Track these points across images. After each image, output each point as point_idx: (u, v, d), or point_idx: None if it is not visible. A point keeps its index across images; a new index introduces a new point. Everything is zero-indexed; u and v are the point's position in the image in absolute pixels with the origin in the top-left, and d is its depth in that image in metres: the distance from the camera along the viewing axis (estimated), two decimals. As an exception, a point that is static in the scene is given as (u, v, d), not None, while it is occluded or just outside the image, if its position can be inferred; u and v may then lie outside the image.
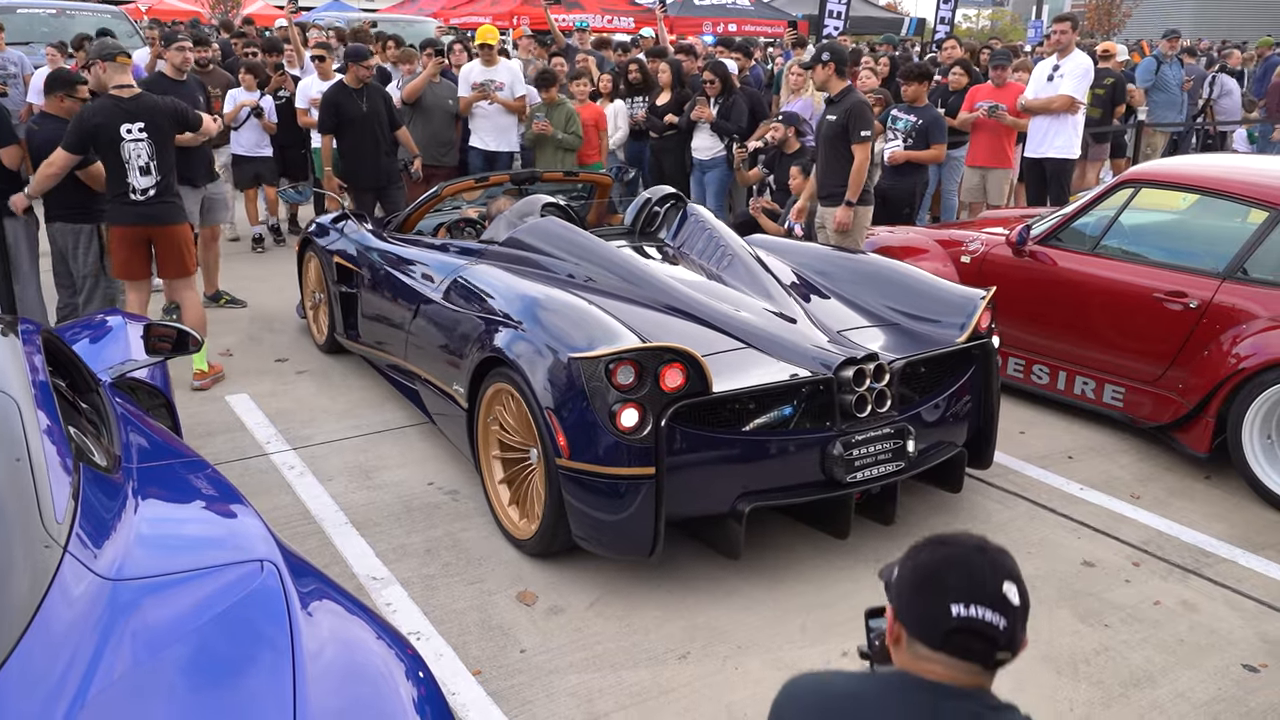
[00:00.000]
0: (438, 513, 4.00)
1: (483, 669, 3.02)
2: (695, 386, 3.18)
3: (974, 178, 7.80)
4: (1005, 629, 1.32)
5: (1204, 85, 10.82)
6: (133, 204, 5.09)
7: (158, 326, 3.39)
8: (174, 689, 1.58)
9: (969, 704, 1.32)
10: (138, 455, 2.47)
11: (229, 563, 1.88)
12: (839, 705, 1.36)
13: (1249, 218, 4.47)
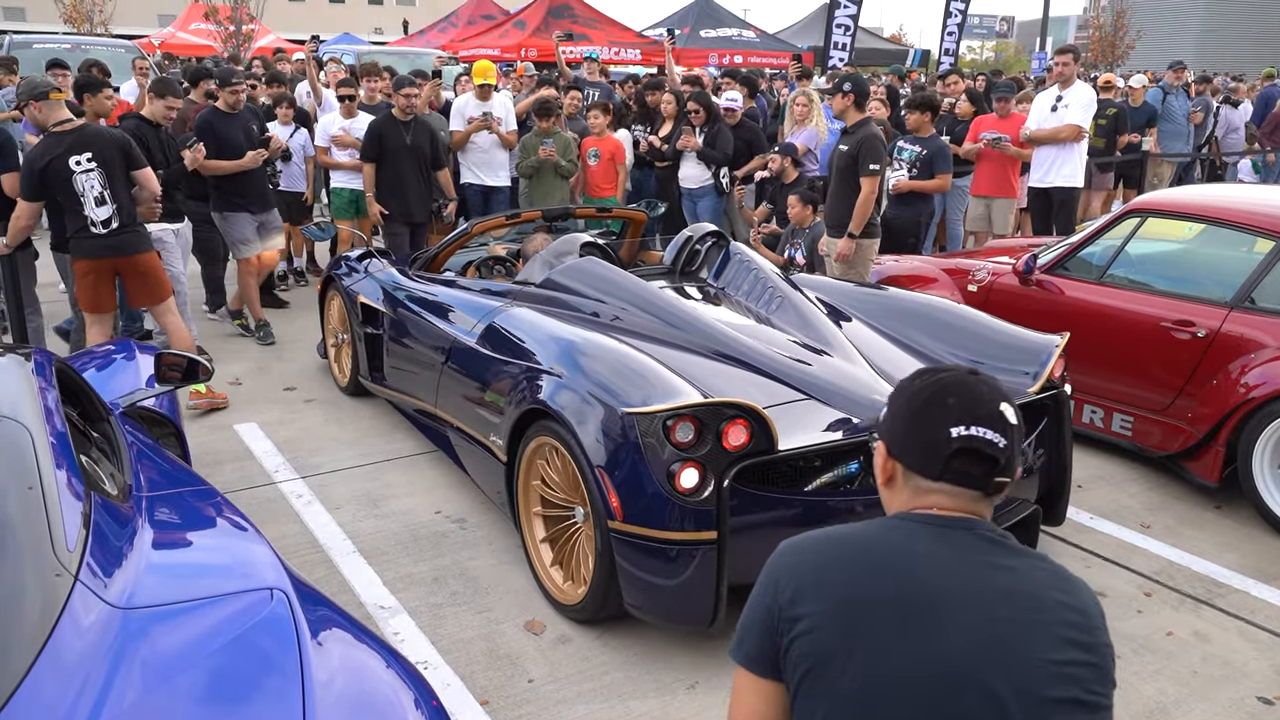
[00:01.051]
0: (445, 541, 4.00)
1: (490, 699, 3.00)
2: (760, 444, 2.95)
3: (979, 207, 7.83)
4: (1005, 448, 1.31)
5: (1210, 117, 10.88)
6: (95, 237, 5.02)
7: (168, 355, 3.41)
8: (185, 717, 1.58)
9: (973, 532, 1.31)
10: (148, 484, 2.48)
11: (239, 590, 1.88)
12: (848, 550, 1.33)
13: (1255, 247, 4.48)
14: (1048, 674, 1.20)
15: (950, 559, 1.28)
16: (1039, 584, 1.27)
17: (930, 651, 1.20)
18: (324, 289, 5.92)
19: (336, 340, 5.82)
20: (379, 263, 5.45)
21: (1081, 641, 1.23)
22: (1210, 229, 4.79)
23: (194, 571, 2.06)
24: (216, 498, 2.51)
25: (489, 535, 4.04)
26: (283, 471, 4.67)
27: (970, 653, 1.20)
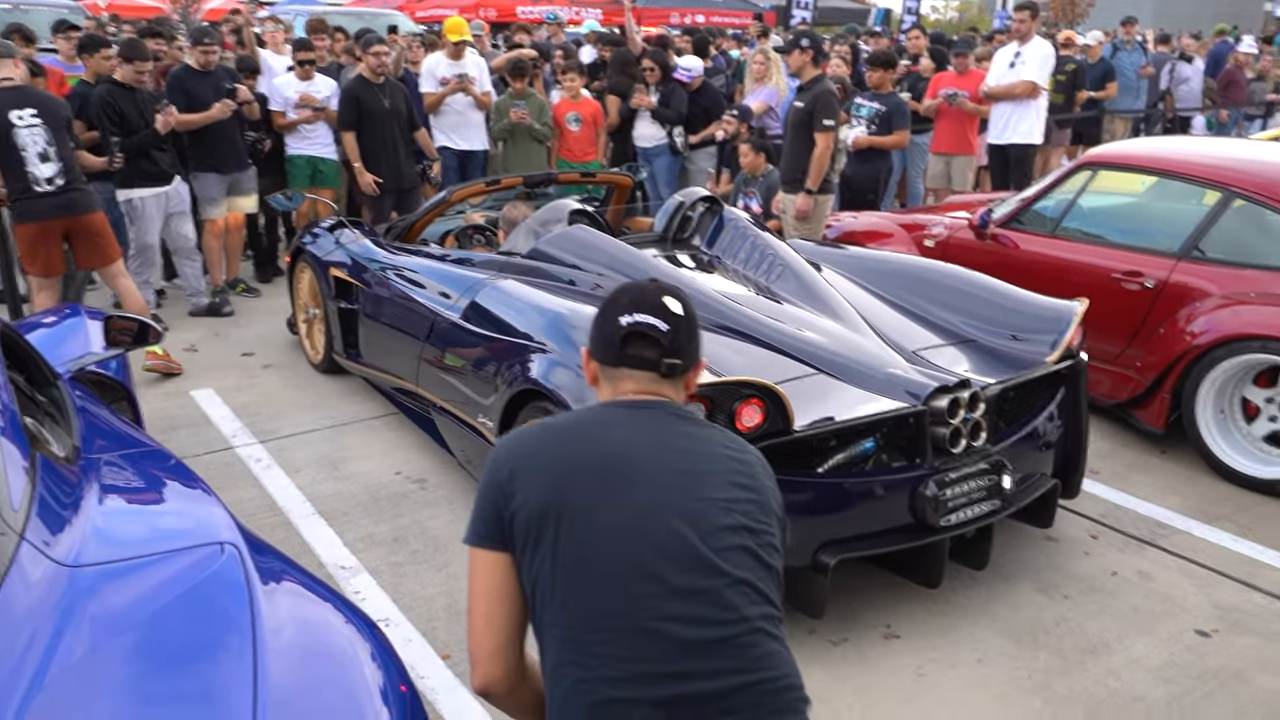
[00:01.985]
0: (405, 501, 4.01)
1: (451, 653, 3.03)
2: (775, 425, 2.78)
3: (938, 164, 7.89)
4: (668, 331, 1.55)
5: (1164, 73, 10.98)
6: (40, 196, 4.88)
7: (118, 319, 3.36)
8: (134, 670, 1.58)
9: (660, 409, 1.56)
10: (97, 446, 2.46)
11: (189, 546, 1.87)
12: (555, 433, 1.56)
13: (1203, 199, 4.56)
14: (719, 508, 1.46)
15: (641, 429, 1.53)
16: (713, 443, 1.55)
17: (625, 503, 1.44)
18: (293, 261, 5.60)
19: (308, 315, 5.53)
20: (351, 233, 5.16)
21: (746, 484, 1.52)
22: (1160, 181, 4.87)
23: (143, 529, 2.05)
24: (168, 459, 2.49)
25: (450, 494, 4.06)
26: (240, 436, 4.64)
27: (656, 499, 1.45)
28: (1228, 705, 2.77)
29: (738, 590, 1.41)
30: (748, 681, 1.37)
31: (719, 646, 1.37)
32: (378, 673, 1.80)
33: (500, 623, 1.49)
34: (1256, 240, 4.28)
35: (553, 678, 1.42)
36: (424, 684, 2.89)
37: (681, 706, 1.34)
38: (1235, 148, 5.12)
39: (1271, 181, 4.27)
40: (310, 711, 1.61)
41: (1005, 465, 3.10)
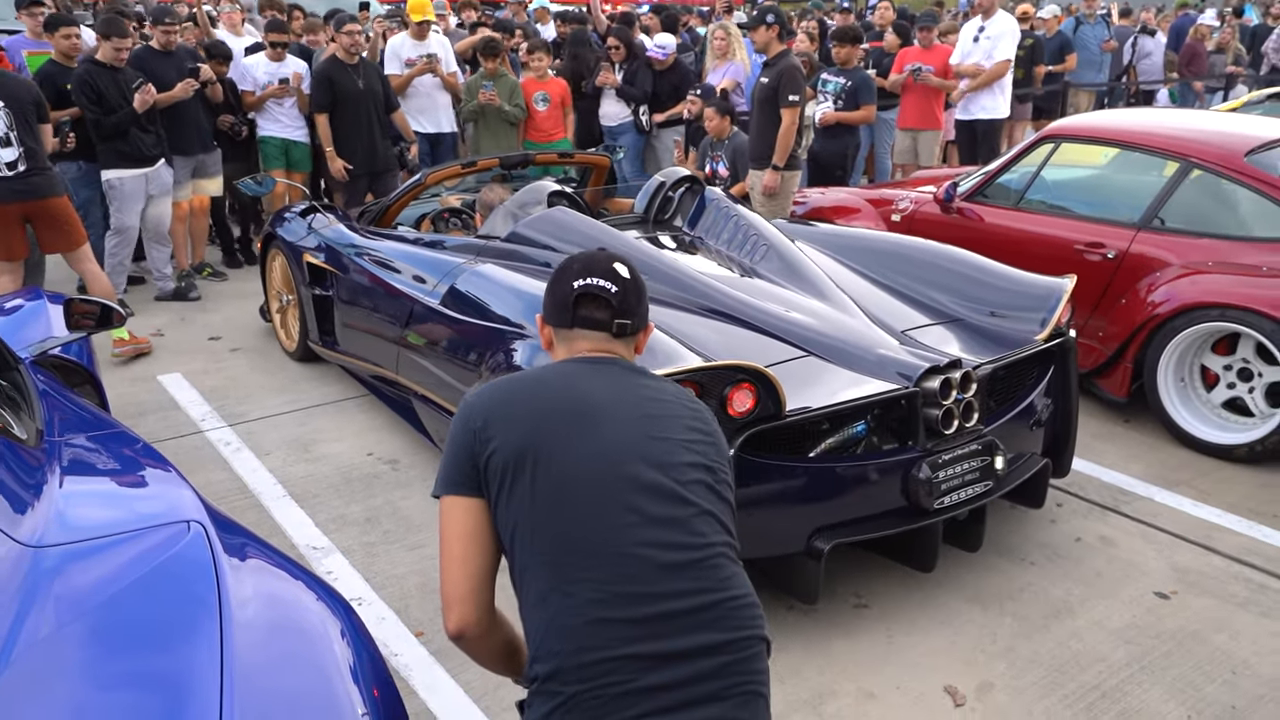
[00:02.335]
0: (378, 482, 4.00)
1: (425, 630, 3.04)
2: (766, 409, 2.72)
3: (905, 140, 7.92)
4: (617, 293, 1.68)
5: (1126, 46, 11.05)
6: (2, 180, 4.86)
7: (79, 302, 3.32)
8: (100, 648, 1.58)
9: (616, 364, 1.68)
10: (61, 429, 2.44)
11: (154, 525, 1.87)
12: (524, 384, 1.65)
13: (1163, 170, 4.61)
14: (682, 447, 1.59)
15: (601, 380, 1.63)
16: (669, 394, 1.68)
17: (596, 443, 1.55)
18: (265, 247, 5.44)
19: (281, 303, 5.38)
20: (324, 218, 5.01)
21: (700, 429, 1.65)
22: (1121, 153, 4.91)
23: (108, 509, 2.04)
24: (133, 441, 2.47)
25: (422, 474, 4.05)
26: (209, 420, 4.61)
27: (624, 439, 1.56)
28: (1185, 664, 2.84)
29: (704, 520, 1.54)
30: (716, 599, 1.49)
31: (690, 569, 1.50)
32: (348, 648, 1.81)
33: (475, 565, 1.56)
34: (1213, 210, 4.34)
35: (537, 608, 1.49)
36: (398, 661, 2.90)
37: (659, 623, 1.45)
38: (1193, 119, 5.18)
39: (1228, 151, 4.33)
40: (279, 688, 1.61)
41: (997, 446, 3.04)
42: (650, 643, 1.44)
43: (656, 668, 1.44)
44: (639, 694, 1.42)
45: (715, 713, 1.45)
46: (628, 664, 1.43)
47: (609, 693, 1.42)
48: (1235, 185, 4.29)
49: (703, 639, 1.47)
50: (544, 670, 1.46)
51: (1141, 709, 2.67)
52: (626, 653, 1.43)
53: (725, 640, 1.48)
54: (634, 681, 1.42)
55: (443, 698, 2.75)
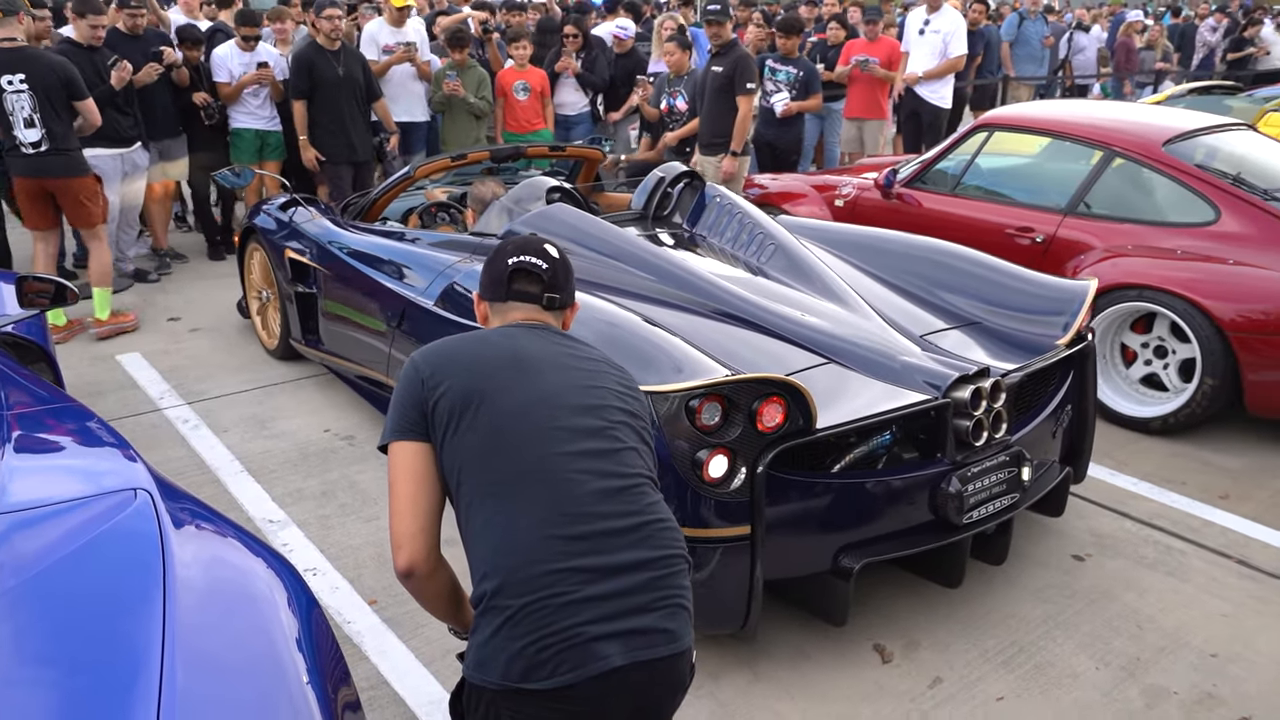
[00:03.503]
0: (334, 457, 3.99)
1: (378, 599, 3.06)
2: (796, 424, 2.47)
3: (851, 129, 7.99)
4: (548, 269, 1.78)
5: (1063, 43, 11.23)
6: (25, 157, 4.98)
7: (32, 281, 3.27)
8: (43, 609, 1.57)
9: (548, 330, 1.77)
10: (11, 403, 2.41)
11: (101, 492, 1.86)
12: (469, 342, 1.72)
13: (1089, 159, 4.72)
14: (612, 394, 1.70)
15: (537, 340, 1.73)
16: (597, 356, 1.77)
17: (537, 387, 1.64)
18: (243, 241, 5.12)
19: (261, 299, 5.08)
20: (307, 211, 4.68)
21: (628, 387, 1.75)
22: (1050, 142, 5.01)
23: (56, 479, 2.02)
24: (84, 415, 2.45)
25: (378, 449, 4.05)
26: (168, 398, 4.56)
27: (560, 385, 1.66)
28: (1096, 620, 2.94)
29: (630, 454, 1.65)
30: (644, 521, 1.60)
31: (620, 494, 1.60)
32: (294, 614, 1.80)
33: (423, 504, 1.62)
34: (1134, 196, 4.46)
35: (483, 533, 1.56)
36: (351, 629, 2.91)
37: (597, 539, 1.54)
38: (1118, 111, 5.29)
39: (1147, 141, 4.44)
40: (223, 653, 1.59)
41: (1025, 457, 2.85)
42: (589, 557, 1.53)
43: (596, 580, 1.52)
44: (580, 604, 1.49)
45: (646, 623, 1.53)
46: (569, 576, 1.51)
47: (553, 603, 1.49)
48: (1154, 173, 4.40)
49: (634, 555, 1.56)
50: (491, 586, 1.52)
51: (1055, 661, 2.77)
52: (568, 566, 1.51)
53: (653, 557, 1.57)
54: (576, 592, 1.50)
55: (394, 662, 2.77)
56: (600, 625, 1.49)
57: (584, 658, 1.47)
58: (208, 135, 6.52)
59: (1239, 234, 4.11)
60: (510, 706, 1.50)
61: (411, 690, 2.66)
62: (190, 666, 1.49)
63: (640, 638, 1.52)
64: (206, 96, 6.33)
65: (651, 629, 1.53)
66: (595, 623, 1.49)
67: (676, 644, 1.55)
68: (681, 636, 1.57)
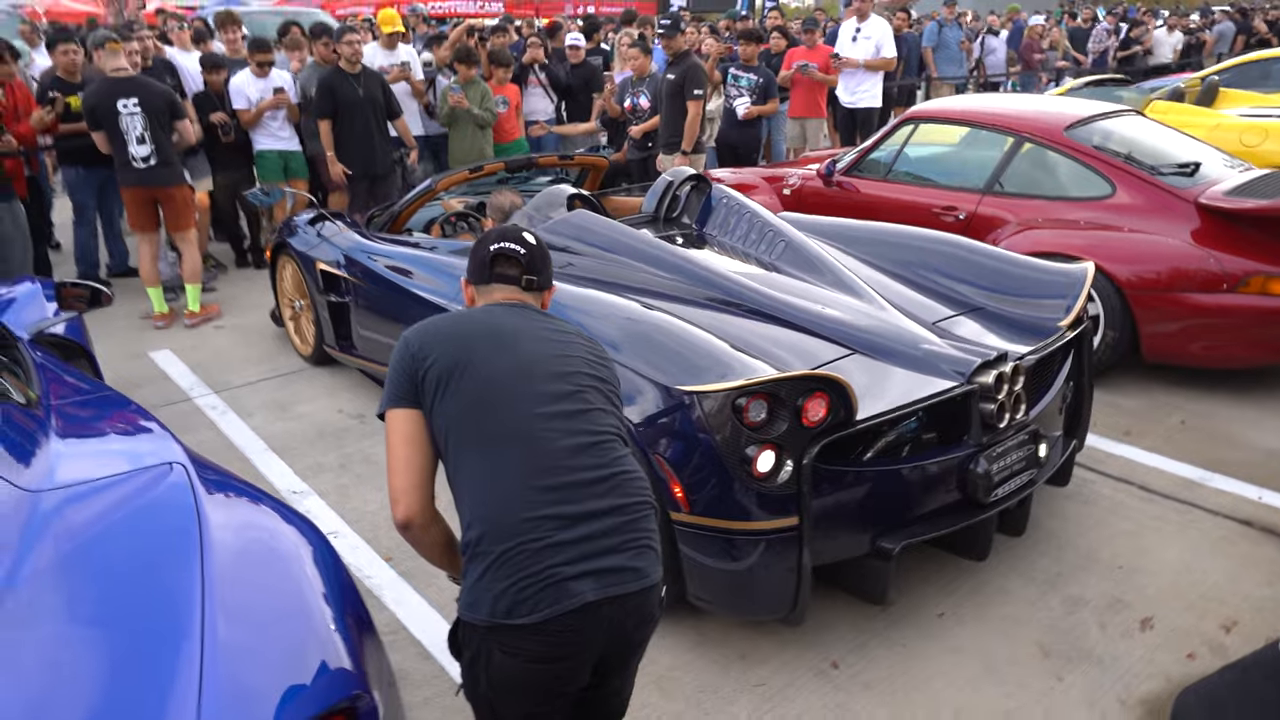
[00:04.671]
0: (348, 434, 3.97)
1: (393, 555, 3.05)
2: (838, 417, 2.32)
3: (795, 127, 7.97)
4: (525, 254, 1.78)
5: (976, 46, 11.27)
6: (136, 170, 5.12)
7: (70, 286, 3.22)
8: (93, 573, 1.56)
9: (526, 309, 1.76)
10: (57, 395, 2.38)
11: (141, 468, 1.85)
12: (453, 317, 1.72)
13: (1002, 144, 4.75)
14: (584, 363, 1.70)
15: (516, 317, 1.72)
16: (573, 330, 1.77)
17: (514, 356, 1.65)
18: (275, 255, 4.88)
19: (294, 309, 4.87)
20: (334, 225, 4.46)
21: (599, 356, 1.75)
22: (969, 131, 5.04)
23: (100, 458, 2.00)
24: (122, 402, 2.42)
25: (387, 425, 4.03)
26: (197, 389, 4.51)
27: (537, 352, 1.66)
28: (1022, 545, 2.99)
29: (599, 414, 1.65)
30: (612, 472, 1.60)
31: (590, 449, 1.60)
32: (319, 569, 1.80)
33: (417, 463, 1.62)
34: (1041, 175, 4.49)
35: (469, 488, 1.57)
36: (370, 582, 2.91)
37: (569, 490, 1.55)
38: (1026, 101, 5.34)
39: (1051, 126, 4.48)
40: (256, 605, 1.58)
41: (1041, 434, 2.73)
42: (563, 506, 1.53)
43: (569, 526, 1.52)
44: (555, 548, 1.50)
45: (617, 562, 1.54)
46: (545, 523, 1.51)
47: (530, 548, 1.50)
48: (1058, 155, 4.44)
49: (604, 503, 1.56)
50: (475, 535, 1.53)
51: (988, 582, 2.82)
52: (543, 514, 1.52)
53: (622, 504, 1.58)
54: (550, 537, 1.51)
55: (410, 609, 2.78)
56: (574, 566, 1.50)
57: (560, 595, 1.48)
58: (228, 155, 6.30)
59: (1132, 205, 4.16)
60: (499, 640, 1.51)
61: (427, 633, 2.67)
62: (229, 617, 1.49)
63: (611, 575, 1.52)
64: (223, 116, 6.14)
65: (622, 568, 1.54)
66: (569, 564, 1.50)
67: (645, 579, 1.56)
68: (650, 573, 1.57)
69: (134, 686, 1.35)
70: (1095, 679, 2.42)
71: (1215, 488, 3.34)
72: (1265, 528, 3.09)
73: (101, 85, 5.04)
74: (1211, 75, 7.63)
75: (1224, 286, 3.83)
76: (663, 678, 2.46)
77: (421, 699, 2.41)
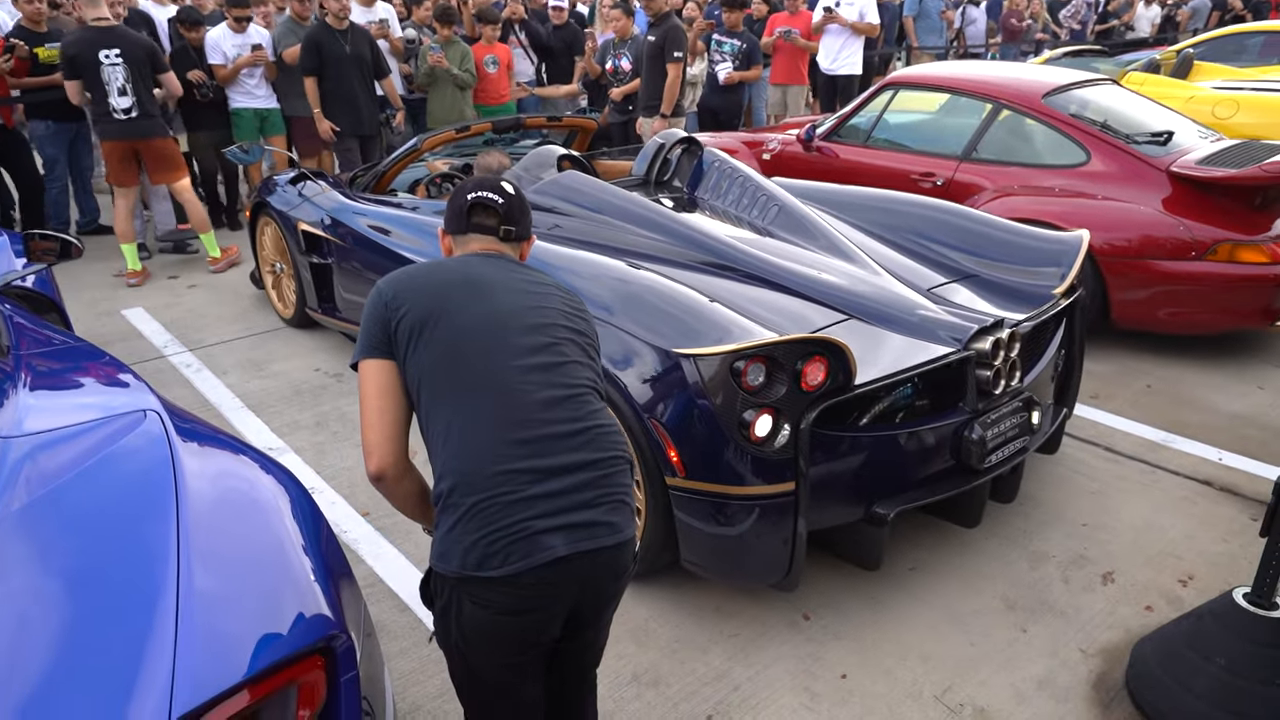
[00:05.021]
0: (324, 393, 3.94)
1: (370, 511, 3.05)
2: (836, 381, 2.26)
3: (776, 94, 7.93)
4: (503, 204, 1.73)
5: (957, 15, 11.21)
6: (117, 122, 5.01)
7: (38, 238, 3.14)
8: (64, 521, 1.54)
9: (503, 258, 1.72)
10: (27, 345, 2.33)
11: (115, 414, 1.82)
12: (427, 267, 1.68)
13: (980, 111, 4.75)
14: (559, 314, 1.65)
15: (493, 267, 1.68)
16: (550, 282, 1.72)
17: (489, 306, 1.60)
18: (254, 215, 4.73)
19: (274, 270, 4.73)
20: (316, 185, 4.32)
21: (576, 307, 1.71)
22: (948, 98, 5.03)
23: (73, 405, 1.97)
24: (94, 353, 2.38)
25: (364, 384, 4.00)
26: (171, 346, 4.45)
27: (510, 304, 1.62)
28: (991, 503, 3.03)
29: (574, 367, 1.61)
30: (587, 426, 1.56)
31: (565, 403, 1.56)
32: (298, 519, 1.78)
33: (391, 415, 1.59)
34: (1018, 143, 4.50)
35: (441, 438, 1.53)
36: (347, 537, 2.90)
37: (543, 443, 1.51)
38: (1004, 69, 5.32)
39: (1028, 94, 4.48)
40: (234, 551, 1.56)
41: (1035, 401, 2.68)
42: (536, 459, 1.50)
43: (542, 480, 1.49)
44: (527, 501, 1.47)
45: (589, 517, 1.50)
46: (517, 476, 1.48)
47: (502, 500, 1.46)
48: (1034, 122, 4.45)
49: (578, 457, 1.52)
50: (447, 486, 1.50)
51: (957, 538, 2.87)
52: (516, 467, 1.48)
53: (596, 459, 1.54)
54: (523, 491, 1.47)
55: (387, 563, 2.78)
56: (546, 520, 1.47)
57: (531, 549, 1.46)
58: (205, 113, 6.13)
59: (1106, 173, 4.19)
60: (469, 591, 1.49)
61: (403, 585, 2.67)
62: (205, 565, 1.47)
63: (583, 530, 1.49)
64: (200, 74, 5.96)
65: (594, 522, 1.51)
66: (541, 517, 1.47)
67: (619, 534, 1.53)
68: (623, 529, 1.55)
69: (108, 635, 1.32)
70: (1058, 630, 2.48)
71: (1178, 449, 3.41)
72: (1224, 487, 3.16)
73: (83, 34, 4.92)
74: (1187, 48, 7.66)
75: (1193, 254, 3.88)
76: (639, 629, 2.49)
77: (398, 649, 2.42)
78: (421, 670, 2.34)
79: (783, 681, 2.31)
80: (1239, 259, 3.84)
